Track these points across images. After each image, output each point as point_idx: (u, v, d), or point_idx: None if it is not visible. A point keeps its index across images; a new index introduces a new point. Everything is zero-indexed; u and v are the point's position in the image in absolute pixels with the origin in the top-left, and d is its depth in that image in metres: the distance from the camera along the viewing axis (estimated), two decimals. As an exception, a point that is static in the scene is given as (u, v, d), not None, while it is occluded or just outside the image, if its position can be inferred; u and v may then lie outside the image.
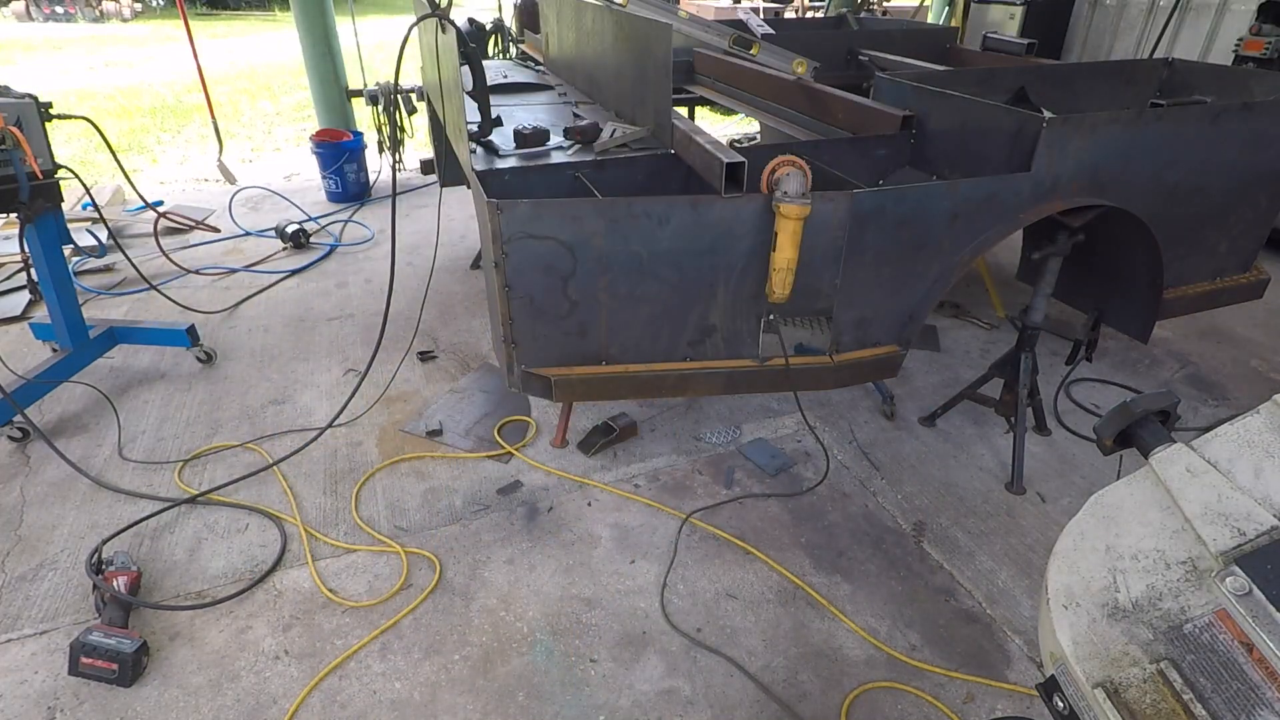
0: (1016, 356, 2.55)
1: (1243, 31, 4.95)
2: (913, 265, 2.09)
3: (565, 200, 1.90)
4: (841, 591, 2.14)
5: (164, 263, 4.18)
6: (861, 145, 2.49)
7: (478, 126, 2.50)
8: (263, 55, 13.45)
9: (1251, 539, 0.83)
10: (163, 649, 1.94)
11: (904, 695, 1.84)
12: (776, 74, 3.02)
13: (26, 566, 2.20)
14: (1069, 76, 3.06)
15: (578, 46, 3.28)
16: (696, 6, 9.67)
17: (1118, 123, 2.14)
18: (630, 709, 1.81)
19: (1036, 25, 6.13)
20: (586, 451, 2.69)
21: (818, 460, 2.67)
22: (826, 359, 2.15)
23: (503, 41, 5.55)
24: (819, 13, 9.83)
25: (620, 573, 2.19)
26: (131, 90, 9.98)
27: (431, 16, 2.14)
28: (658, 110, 2.30)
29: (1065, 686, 0.87)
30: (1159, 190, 2.32)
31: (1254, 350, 3.45)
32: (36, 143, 2.52)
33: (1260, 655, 0.75)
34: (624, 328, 2.05)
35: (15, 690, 1.84)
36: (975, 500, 2.49)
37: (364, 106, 5.19)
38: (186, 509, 2.41)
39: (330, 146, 5.19)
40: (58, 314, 2.89)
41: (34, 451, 2.68)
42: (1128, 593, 0.86)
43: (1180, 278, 2.62)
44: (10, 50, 13.44)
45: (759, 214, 1.91)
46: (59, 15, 17.80)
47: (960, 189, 2.02)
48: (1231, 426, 0.94)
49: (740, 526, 2.36)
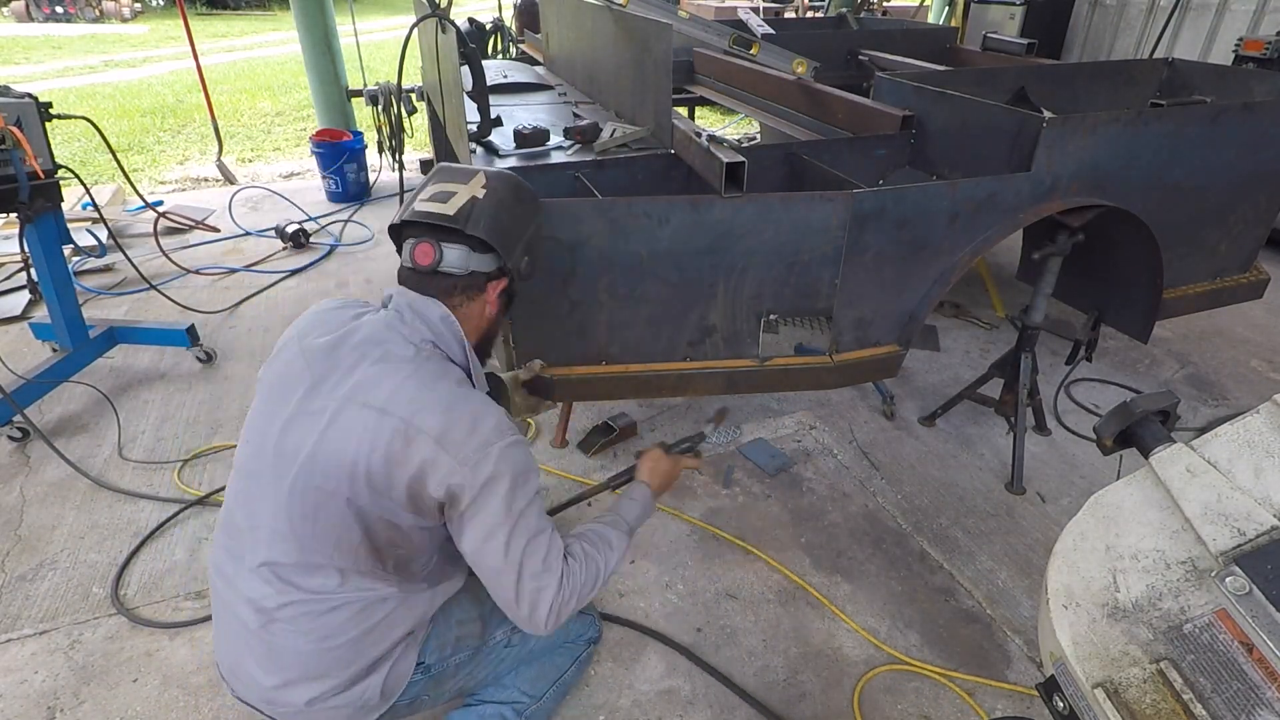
0: (1016, 356, 2.55)
1: (1242, 31, 4.96)
2: (913, 265, 2.09)
3: (565, 200, 1.90)
4: (841, 591, 2.14)
5: (164, 263, 4.18)
6: (861, 145, 2.49)
7: (477, 126, 2.50)
8: (263, 55, 13.45)
9: (1251, 539, 0.84)
10: (162, 649, 1.95)
11: (914, 677, 1.84)
12: (776, 74, 3.02)
13: (26, 566, 2.20)
14: (1069, 76, 3.06)
15: (578, 46, 3.28)
16: (696, 6, 9.67)
17: (1118, 123, 2.14)
18: (630, 709, 1.81)
19: (1036, 25, 6.13)
20: (586, 451, 2.69)
21: (818, 460, 2.67)
22: (826, 359, 2.15)
23: (503, 41, 5.55)
24: (819, 13, 9.83)
25: (620, 572, 2.19)
26: (131, 90, 9.98)
27: (431, 16, 2.14)
28: (658, 110, 2.30)
29: (1065, 686, 0.87)
30: (1159, 190, 2.32)
31: (1254, 350, 3.45)
32: (36, 143, 2.52)
33: (1260, 655, 0.75)
34: (624, 327, 2.05)
35: (15, 690, 1.84)
36: (975, 500, 2.49)
37: (364, 106, 5.19)
38: (186, 509, 2.41)
39: (330, 146, 5.19)
40: (58, 314, 2.89)
41: (34, 451, 2.68)
42: (1128, 593, 0.86)
43: (1180, 278, 2.62)
44: (10, 50, 13.44)
45: (759, 214, 1.91)
46: (59, 15, 17.79)
47: (960, 189, 2.02)
48: (1231, 426, 0.94)
49: (740, 526, 2.36)
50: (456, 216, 1.32)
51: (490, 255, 1.37)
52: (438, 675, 1.46)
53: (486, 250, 1.36)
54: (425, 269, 1.34)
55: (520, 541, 1.24)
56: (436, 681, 1.48)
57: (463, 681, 1.53)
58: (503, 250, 1.37)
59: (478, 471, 1.20)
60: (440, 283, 1.35)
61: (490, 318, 1.43)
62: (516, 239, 1.40)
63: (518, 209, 1.41)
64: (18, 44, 14.22)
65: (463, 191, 1.35)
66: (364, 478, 1.19)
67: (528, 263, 1.45)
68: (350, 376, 1.24)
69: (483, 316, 1.41)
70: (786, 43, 3.37)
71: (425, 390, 1.22)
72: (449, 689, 1.53)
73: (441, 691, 1.51)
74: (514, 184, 1.44)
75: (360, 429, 1.20)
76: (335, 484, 1.21)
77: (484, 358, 1.48)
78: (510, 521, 1.23)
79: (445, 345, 1.33)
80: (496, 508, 1.22)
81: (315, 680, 1.28)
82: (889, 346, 2.23)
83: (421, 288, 1.35)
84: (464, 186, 1.36)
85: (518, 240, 1.40)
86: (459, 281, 1.36)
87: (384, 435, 1.19)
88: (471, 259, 1.35)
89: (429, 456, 1.18)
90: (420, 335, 1.30)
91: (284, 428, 1.25)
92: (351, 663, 1.30)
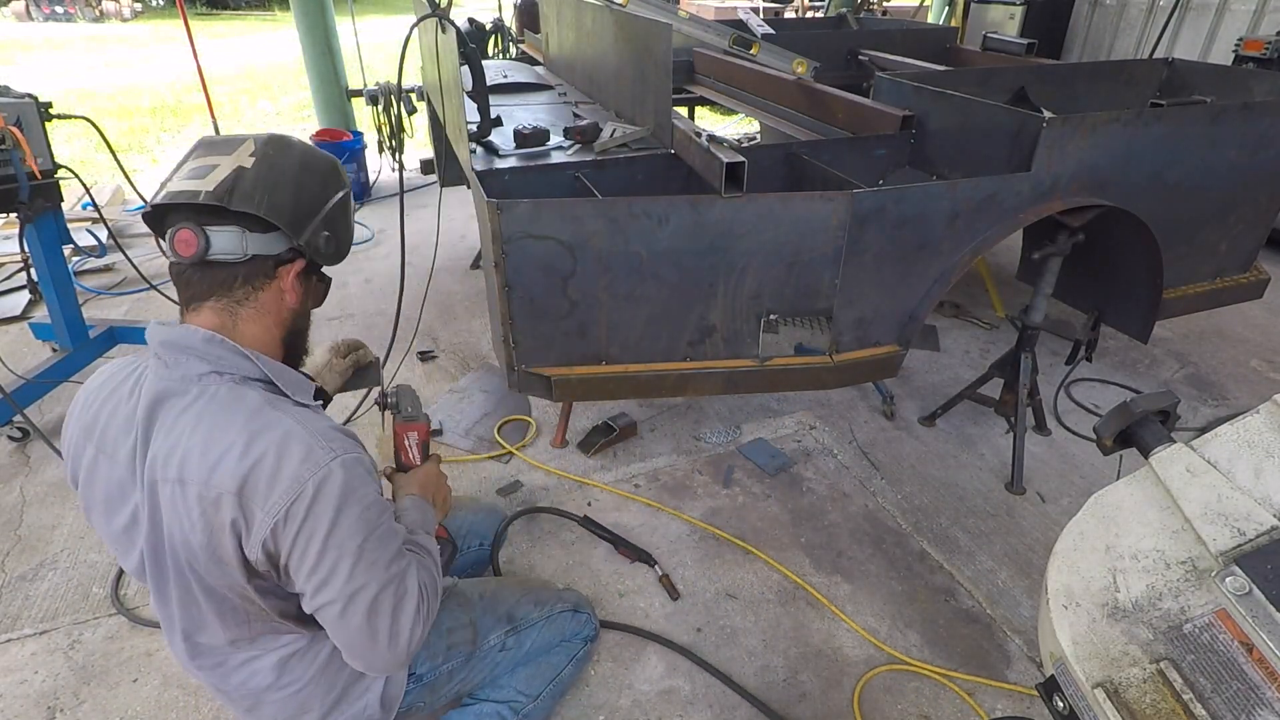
0: (1016, 356, 2.55)
1: (1242, 31, 4.96)
2: (913, 265, 2.09)
3: (565, 200, 1.90)
4: (841, 591, 2.14)
5: (164, 263, 4.16)
6: (861, 145, 2.49)
7: (477, 126, 2.50)
8: (263, 55, 13.45)
9: (1251, 539, 0.84)
10: (162, 649, 1.94)
11: (914, 677, 1.84)
12: (776, 74, 3.02)
13: (26, 566, 2.20)
14: (1069, 76, 3.06)
15: (578, 46, 3.28)
16: (697, 6, 9.68)
17: (1118, 123, 2.14)
18: (630, 709, 1.81)
19: (1036, 25, 6.14)
20: (586, 451, 2.69)
21: (818, 460, 2.67)
22: (826, 359, 2.15)
23: (503, 41, 5.55)
24: (819, 13, 9.83)
25: (620, 572, 2.19)
26: (131, 90, 9.99)
27: (431, 16, 2.14)
28: (658, 110, 2.30)
29: (1065, 686, 0.87)
30: (1159, 190, 2.32)
31: (1254, 350, 3.45)
32: (36, 143, 2.52)
33: (1260, 655, 0.75)
34: (624, 327, 2.05)
35: (15, 690, 1.84)
36: (975, 500, 2.49)
37: (364, 106, 5.19)
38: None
39: (330, 146, 5.19)
40: (58, 314, 2.89)
41: (34, 451, 2.68)
42: (1128, 593, 0.86)
43: (1180, 278, 2.62)
44: (10, 50, 13.44)
45: (759, 214, 1.91)
46: (59, 15, 17.80)
47: (960, 189, 2.02)
48: (1231, 426, 0.94)
49: (740, 526, 2.36)
50: (217, 192, 1.08)
51: (275, 234, 1.14)
52: (431, 683, 1.46)
53: (268, 229, 1.13)
54: (190, 260, 1.10)
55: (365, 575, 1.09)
56: (431, 689, 1.47)
57: (458, 686, 1.53)
58: (289, 227, 1.14)
59: (290, 519, 1.04)
60: (216, 275, 1.12)
61: (291, 307, 1.21)
62: (307, 213, 1.17)
63: (304, 176, 1.17)
64: (18, 44, 14.22)
65: (225, 163, 1.11)
66: (193, 560, 1.09)
67: (328, 239, 1.20)
68: (148, 453, 1.09)
69: (281, 307, 1.19)
70: (786, 43, 3.38)
71: (215, 437, 1.05)
72: (445, 694, 1.52)
73: (437, 697, 1.51)
74: (297, 149, 1.20)
75: (171, 508, 1.07)
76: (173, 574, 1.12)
77: (298, 354, 1.28)
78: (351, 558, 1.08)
79: (226, 367, 1.11)
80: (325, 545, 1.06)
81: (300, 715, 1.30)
82: (889, 346, 2.23)
83: (194, 284, 1.13)
84: (226, 158, 1.12)
85: (309, 214, 1.17)
86: (239, 270, 1.13)
87: (192, 508, 1.05)
88: (250, 241, 1.11)
89: (233, 516, 1.04)
90: (192, 370, 1.10)
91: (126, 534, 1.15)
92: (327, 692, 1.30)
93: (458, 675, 1.50)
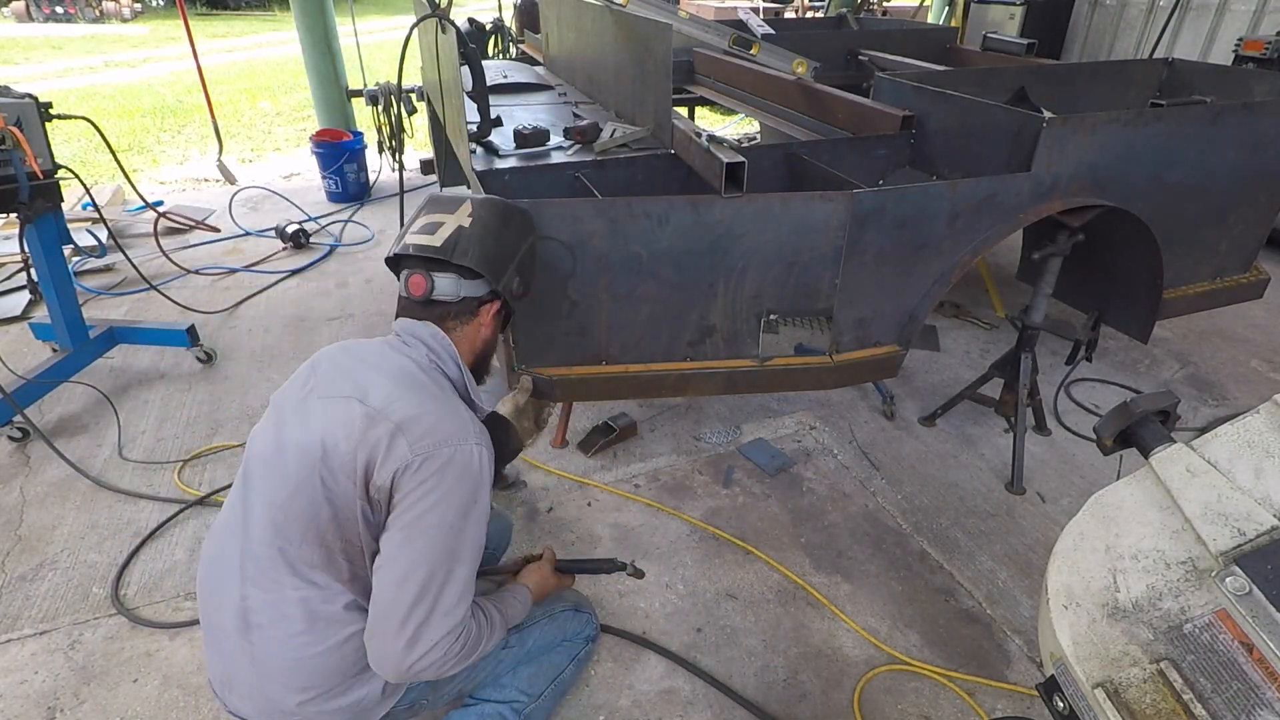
0: (1016, 356, 2.55)
1: (1243, 31, 4.96)
2: (913, 265, 2.09)
3: (565, 200, 1.90)
4: (841, 591, 2.14)
5: (164, 263, 4.18)
6: (861, 145, 2.49)
7: (477, 127, 2.50)
8: (263, 55, 13.45)
9: (1251, 539, 0.84)
10: (162, 649, 1.95)
11: (914, 677, 1.84)
12: (776, 74, 3.02)
13: (26, 566, 2.20)
14: (1069, 76, 3.06)
15: (578, 46, 3.28)
16: (697, 6, 9.67)
17: (1118, 123, 2.14)
18: (630, 709, 1.81)
19: (1036, 25, 6.14)
20: (586, 451, 2.69)
21: (818, 460, 2.67)
22: (826, 359, 2.15)
23: (503, 41, 5.55)
24: (819, 13, 9.83)
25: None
26: (131, 90, 9.99)
27: (431, 16, 2.15)
28: (658, 110, 2.30)
29: (1065, 686, 0.87)
30: (1159, 190, 2.32)
31: (1254, 350, 3.45)
32: (36, 143, 2.52)
33: (1260, 655, 0.75)
34: (624, 327, 2.05)
35: (15, 690, 1.84)
36: (975, 500, 2.49)
37: (364, 106, 5.19)
38: (186, 509, 2.41)
39: (330, 146, 5.19)
40: (58, 314, 2.89)
41: (34, 451, 2.68)
42: (1128, 593, 0.86)
43: (1180, 277, 2.62)
44: (10, 50, 13.44)
45: (759, 214, 1.91)
46: (59, 15, 17.79)
47: (960, 189, 2.02)
48: (1231, 426, 0.94)
49: (740, 526, 2.36)
50: (443, 248, 1.41)
51: (480, 280, 1.45)
52: (433, 681, 1.46)
53: (476, 276, 1.44)
54: (419, 299, 1.44)
55: (438, 558, 1.22)
56: (433, 686, 1.48)
57: (460, 684, 1.54)
58: (491, 275, 1.45)
59: (424, 465, 1.21)
60: (435, 310, 1.45)
61: (485, 339, 1.51)
62: (505, 263, 1.48)
63: (505, 234, 1.50)
64: (18, 44, 14.22)
65: (449, 222, 1.44)
66: (333, 457, 1.24)
67: (520, 283, 1.54)
68: (344, 381, 1.33)
69: (478, 338, 1.50)
70: (786, 43, 3.38)
71: (406, 390, 1.29)
72: (447, 692, 1.53)
73: (440, 695, 1.52)
74: (501, 209, 1.52)
75: (336, 415, 1.27)
76: (310, 463, 1.25)
77: (481, 375, 1.55)
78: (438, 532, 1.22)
79: (440, 361, 1.41)
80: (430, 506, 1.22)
81: (301, 690, 1.29)
82: (889, 346, 2.23)
83: (418, 315, 1.44)
84: (450, 216, 1.46)
85: (507, 264, 1.49)
86: (452, 308, 1.45)
87: (355, 419, 1.25)
88: (462, 286, 1.44)
89: (384, 439, 1.22)
90: (418, 353, 1.40)
91: (279, 429, 1.34)
92: (337, 670, 1.31)
93: (460, 673, 1.51)
